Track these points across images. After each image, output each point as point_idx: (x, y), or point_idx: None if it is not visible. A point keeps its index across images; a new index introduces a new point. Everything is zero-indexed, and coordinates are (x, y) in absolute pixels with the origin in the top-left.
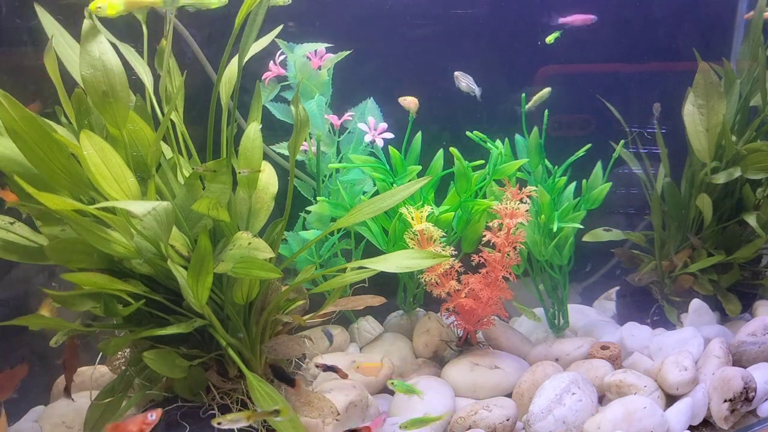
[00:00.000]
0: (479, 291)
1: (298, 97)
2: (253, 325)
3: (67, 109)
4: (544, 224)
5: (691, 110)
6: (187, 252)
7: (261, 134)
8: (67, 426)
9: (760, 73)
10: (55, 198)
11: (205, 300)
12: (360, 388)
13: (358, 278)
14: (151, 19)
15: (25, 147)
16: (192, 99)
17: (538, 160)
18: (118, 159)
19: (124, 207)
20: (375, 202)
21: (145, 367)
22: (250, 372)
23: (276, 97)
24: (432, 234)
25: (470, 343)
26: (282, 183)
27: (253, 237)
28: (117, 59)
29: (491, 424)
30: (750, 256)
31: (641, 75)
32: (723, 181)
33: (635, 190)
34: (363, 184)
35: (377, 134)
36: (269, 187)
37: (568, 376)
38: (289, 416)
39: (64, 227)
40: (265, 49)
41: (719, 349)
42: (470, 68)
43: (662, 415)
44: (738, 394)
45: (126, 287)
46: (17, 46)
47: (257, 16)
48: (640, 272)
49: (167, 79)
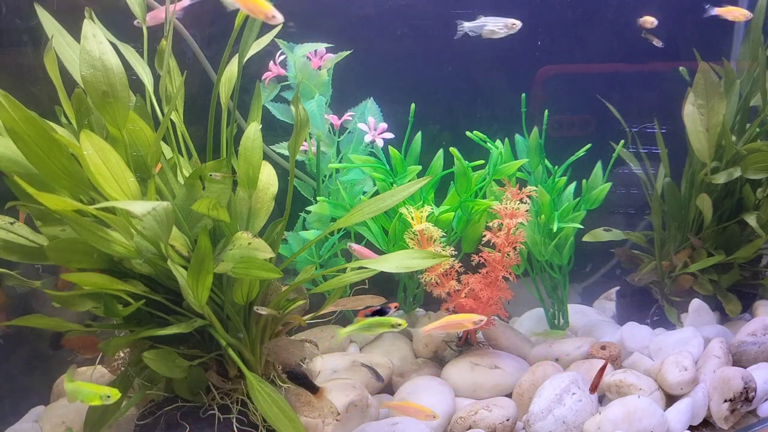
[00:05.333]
0: (479, 291)
1: (298, 97)
2: (253, 325)
3: (67, 109)
4: (544, 224)
5: (691, 110)
6: (187, 252)
7: (261, 134)
8: (67, 426)
9: (760, 73)
10: (55, 198)
11: (205, 300)
12: (360, 388)
13: (358, 278)
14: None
15: (25, 147)
16: (192, 99)
17: (538, 160)
18: (118, 159)
19: (124, 207)
20: (375, 202)
21: (145, 367)
22: (250, 372)
23: (276, 97)
24: (432, 234)
25: (470, 343)
26: (282, 183)
27: (253, 237)
28: (117, 59)
29: (491, 424)
30: (750, 256)
31: (641, 75)
32: (723, 181)
33: (635, 190)
34: (363, 184)
35: (377, 134)
36: (269, 187)
37: (568, 376)
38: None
39: (64, 227)
40: (265, 49)
41: (719, 349)
42: (470, 68)
43: (662, 415)
44: (738, 394)
45: (126, 287)
46: (17, 46)
47: None
48: (640, 272)
49: (167, 79)
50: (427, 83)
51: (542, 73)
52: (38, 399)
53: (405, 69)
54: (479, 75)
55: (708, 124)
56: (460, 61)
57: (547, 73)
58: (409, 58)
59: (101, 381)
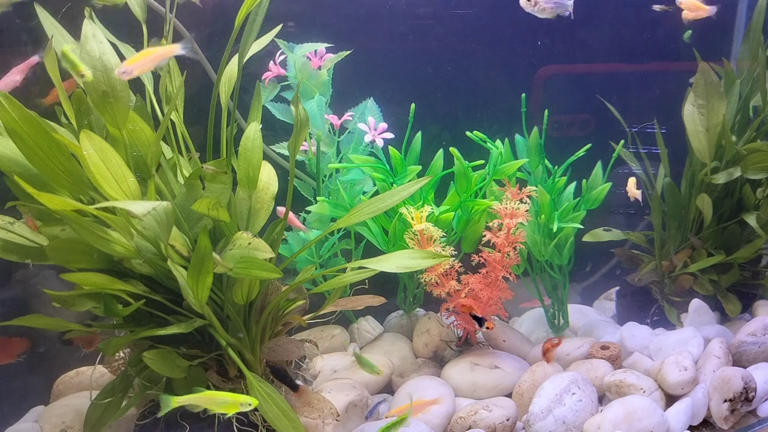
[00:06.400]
0: (479, 291)
1: (298, 97)
2: (253, 325)
3: (67, 109)
4: (544, 224)
5: (691, 110)
6: (187, 252)
7: (261, 134)
8: (67, 426)
9: (760, 73)
10: (55, 198)
11: (205, 300)
12: (360, 388)
13: (358, 278)
14: (151, 19)
15: (25, 147)
16: (192, 99)
17: (538, 160)
18: (118, 159)
19: (124, 207)
20: (375, 202)
21: (145, 367)
22: (250, 372)
23: (276, 97)
24: (432, 234)
25: (470, 343)
26: (282, 183)
27: (253, 237)
28: (117, 59)
29: (491, 424)
30: (750, 256)
31: (641, 75)
32: (723, 181)
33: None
34: (363, 184)
35: (377, 134)
36: (269, 187)
37: (568, 376)
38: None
39: (64, 227)
40: (265, 49)
41: (719, 349)
42: (470, 68)
43: (662, 415)
44: (738, 394)
45: (126, 287)
46: (17, 46)
47: (257, 16)
48: (640, 272)
49: (167, 79)
50: (427, 83)
51: (542, 73)
52: (38, 399)
53: (405, 69)
54: (479, 75)
55: (708, 124)
56: (460, 61)
57: (547, 73)
58: (409, 58)
59: (101, 381)
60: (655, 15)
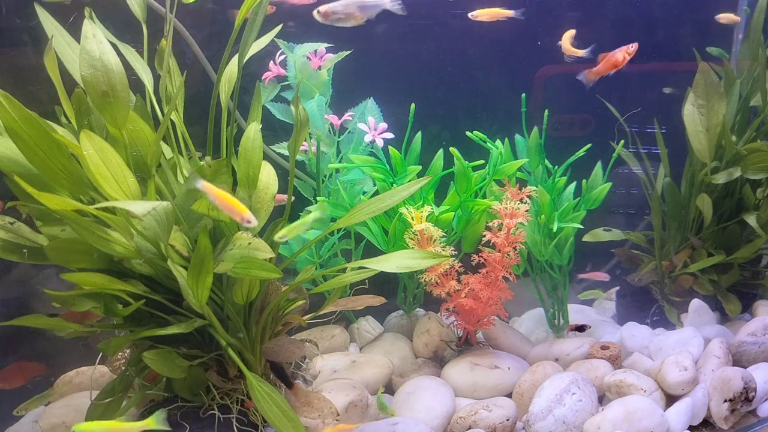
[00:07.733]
0: (479, 291)
1: (298, 97)
2: (253, 325)
3: (67, 109)
4: (544, 224)
5: (691, 110)
6: (187, 252)
7: (261, 134)
8: (67, 426)
9: (760, 73)
10: (55, 198)
11: (205, 300)
12: (360, 388)
13: (358, 278)
14: (151, 19)
15: (25, 147)
16: (192, 99)
17: (538, 160)
18: (118, 159)
19: (124, 207)
20: (375, 202)
21: (145, 367)
22: (250, 372)
23: (276, 97)
24: (432, 234)
25: (470, 343)
26: (282, 183)
27: (253, 237)
28: (117, 59)
29: (491, 424)
30: (750, 256)
31: (641, 75)
32: (723, 181)
33: (635, 190)
34: (363, 184)
35: (377, 134)
36: (269, 187)
37: (568, 376)
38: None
39: (64, 227)
40: (265, 49)
41: (719, 349)
42: (470, 68)
43: (662, 415)
44: (738, 394)
45: (126, 287)
46: (17, 46)
47: (257, 16)
48: (640, 272)
49: (167, 79)
50: (427, 83)
51: (542, 73)
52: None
53: (405, 69)
54: (479, 75)
55: (708, 124)
56: (460, 61)
57: (547, 73)
58: (409, 58)
59: (101, 381)
60: (655, 15)
